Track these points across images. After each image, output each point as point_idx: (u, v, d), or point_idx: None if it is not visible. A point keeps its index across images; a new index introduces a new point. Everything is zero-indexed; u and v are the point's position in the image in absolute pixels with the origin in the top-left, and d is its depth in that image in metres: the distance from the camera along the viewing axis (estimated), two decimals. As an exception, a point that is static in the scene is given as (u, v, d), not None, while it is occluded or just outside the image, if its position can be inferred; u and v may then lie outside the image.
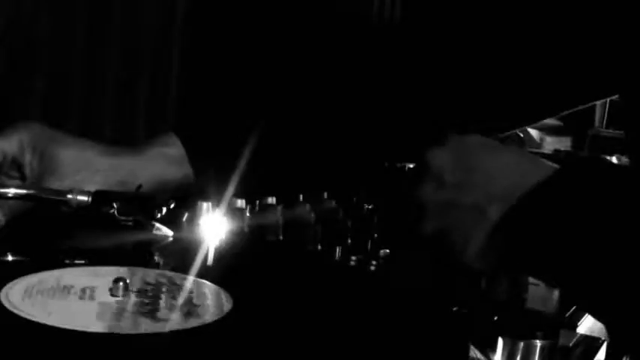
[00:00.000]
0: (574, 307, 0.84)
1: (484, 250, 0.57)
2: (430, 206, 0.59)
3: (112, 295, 0.57)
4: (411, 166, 0.65)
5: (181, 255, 0.70)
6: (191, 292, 0.60)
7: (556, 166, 0.57)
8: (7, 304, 0.53)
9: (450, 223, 0.58)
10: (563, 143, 2.53)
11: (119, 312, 0.54)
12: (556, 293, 0.88)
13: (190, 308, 0.56)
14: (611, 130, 2.49)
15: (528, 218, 0.55)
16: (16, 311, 0.52)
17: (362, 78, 0.84)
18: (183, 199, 0.81)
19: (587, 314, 0.84)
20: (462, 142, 0.61)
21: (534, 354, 0.55)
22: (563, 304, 0.84)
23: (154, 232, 0.76)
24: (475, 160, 0.59)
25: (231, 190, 0.78)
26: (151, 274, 0.63)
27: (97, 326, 0.51)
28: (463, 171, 0.59)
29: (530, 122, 0.95)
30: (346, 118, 0.83)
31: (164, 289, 0.60)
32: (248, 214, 0.94)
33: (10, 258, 0.65)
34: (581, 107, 0.83)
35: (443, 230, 0.59)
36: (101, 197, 0.73)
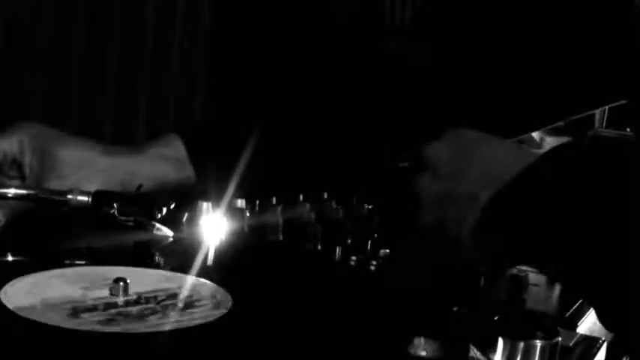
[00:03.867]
0: (574, 307, 0.84)
1: (476, 234, 0.58)
2: (426, 197, 0.60)
3: (112, 294, 0.57)
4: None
5: (181, 255, 0.70)
6: (191, 291, 0.60)
7: None
8: (7, 304, 0.53)
9: (445, 213, 0.59)
10: (563, 143, 2.52)
11: (119, 311, 0.54)
12: (556, 293, 0.88)
13: (190, 308, 0.56)
14: (610, 130, 2.48)
15: (513, 198, 0.57)
16: (16, 311, 0.52)
17: (364, 79, 0.84)
18: (183, 199, 0.81)
19: (587, 314, 0.84)
20: (457, 135, 0.62)
21: (534, 354, 0.55)
22: (563, 304, 0.84)
23: (154, 232, 0.76)
24: (470, 152, 0.60)
25: (231, 190, 0.78)
26: (151, 274, 0.63)
27: (97, 325, 0.51)
28: (458, 162, 0.60)
29: (537, 129, 0.95)
30: (346, 119, 0.83)
31: (164, 289, 0.60)
32: (248, 214, 0.94)
33: (10, 258, 0.65)
34: (586, 113, 0.84)
35: (439, 220, 0.60)
36: (101, 197, 0.73)
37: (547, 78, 0.79)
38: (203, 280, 0.62)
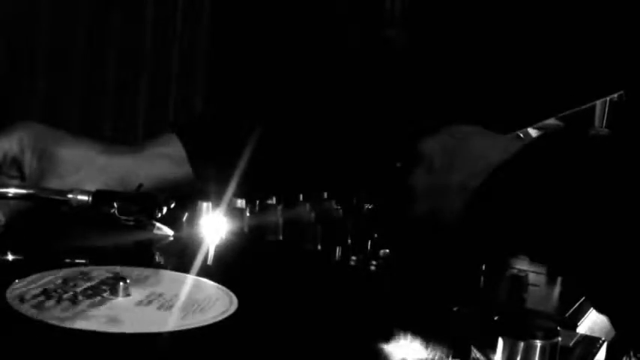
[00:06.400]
0: (574, 307, 0.84)
1: (464, 222, 0.59)
2: (420, 189, 0.61)
3: (112, 294, 0.57)
4: None
5: (181, 255, 0.70)
6: (191, 291, 0.60)
7: None
8: (10, 303, 0.53)
9: (437, 203, 0.60)
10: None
11: (119, 311, 0.54)
12: (556, 293, 0.88)
13: (190, 308, 0.56)
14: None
15: (501, 184, 0.58)
16: (18, 310, 0.52)
17: (363, 79, 0.84)
18: (183, 199, 0.81)
19: (587, 314, 0.84)
20: (451, 130, 0.63)
21: (534, 354, 0.55)
22: (563, 304, 0.84)
23: (155, 231, 0.76)
24: (462, 144, 0.61)
25: (231, 190, 0.79)
26: (151, 274, 0.63)
27: (97, 326, 0.51)
28: (450, 154, 0.61)
29: (531, 124, 0.96)
30: (346, 119, 0.83)
31: (164, 289, 0.60)
32: (248, 214, 0.94)
33: (10, 258, 0.65)
34: (581, 107, 0.84)
35: (432, 211, 0.61)
36: (101, 197, 0.73)
37: (543, 71, 0.79)
38: (203, 279, 0.62)
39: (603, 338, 0.74)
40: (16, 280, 0.57)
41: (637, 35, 0.73)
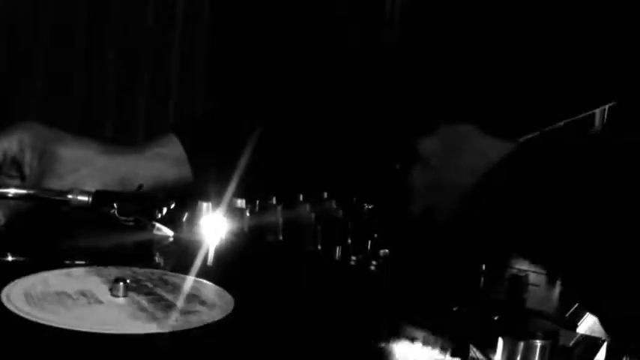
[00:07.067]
0: (574, 307, 0.84)
1: (461, 219, 0.60)
2: (417, 187, 0.62)
3: (113, 295, 0.57)
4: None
5: (181, 255, 0.70)
6: (191, 292, 0.60)
7: None
8: (7, 305, 0.53)
9: (434, 201, 0.61)
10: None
11: (119, 312, 0.54)
12: (556, 293, 0.88)
13: (190, 308, 0.56)
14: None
15: (497, 183, 0.59)
16: (16, 311, 0.52)
17: (362, 79, 0.84)
18: (183, 199, 0.81)
19: (587, 314, 0.84)
20: (449, 129, 0.64)
21: (534, 354, 0.55)
22: (563, 304, 0.84)
23: (155, 232, 0.76)
24: (459, 144, 0.62)
25: (231, 190, 0.79)
26: (151, 274, 0.63)
27: (96, 327, 0.51)
28: (449, 154, 0.62)
29: (529, 132, 0.96)
30: (346, 119, 0.83)
31: (164, 290, 0.60)
32: (248, 214, 0.94)
33: (10, 258, 0.65)
34: (583, 114, 0.84)
35: (429, 209, 0.61)
36: (101, 197, 0.73)
37: (547, 79, 0.79)
38: (203, 280, 0.62)
39: (603, 338, 0.74)
40: (16, 280, 0.57)
41: (634, 46, 0.74)
